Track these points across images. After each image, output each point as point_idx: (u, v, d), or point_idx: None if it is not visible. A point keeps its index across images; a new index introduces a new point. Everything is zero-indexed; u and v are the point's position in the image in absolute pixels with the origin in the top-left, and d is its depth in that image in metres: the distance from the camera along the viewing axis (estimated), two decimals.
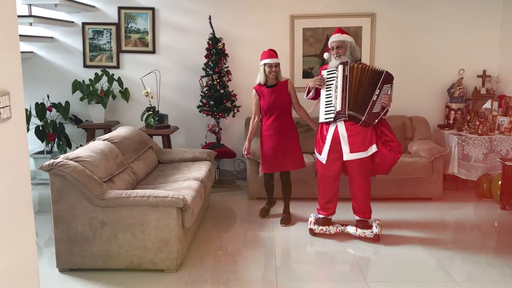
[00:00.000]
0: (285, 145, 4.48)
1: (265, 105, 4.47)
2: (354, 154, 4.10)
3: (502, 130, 5.49)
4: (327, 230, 4.26)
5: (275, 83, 4.48)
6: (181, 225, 3.61)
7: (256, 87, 4.52)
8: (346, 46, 4.09)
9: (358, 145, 4.08)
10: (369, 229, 4.15)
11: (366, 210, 4.25)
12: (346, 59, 4.05)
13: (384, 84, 4.02)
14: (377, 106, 4.04)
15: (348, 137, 4.08)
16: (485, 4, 5.91)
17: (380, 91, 4.02)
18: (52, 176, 3.51)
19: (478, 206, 5.16)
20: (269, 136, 4.49)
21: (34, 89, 6.02)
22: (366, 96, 4.02)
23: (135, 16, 6.07)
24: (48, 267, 3.72)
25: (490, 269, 3.67)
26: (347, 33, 4.19)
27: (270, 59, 4.40)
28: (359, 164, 4.13)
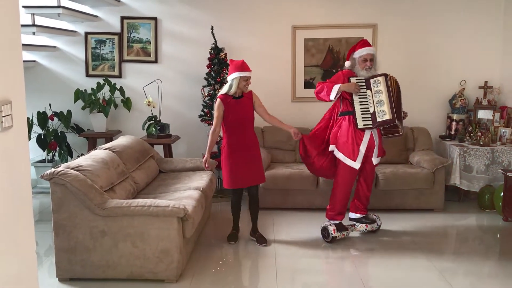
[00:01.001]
0: (250, 158, 4.27)
1: (231, 117, 4.21)
2: (379, 158, 4.44)
3: (504, 141, 5.48)
4: (347, 233, 4.44)
5: (241, 94, 4.28)
6: (182, 235, 3.60)
7: (222, 97, 4.23)
8: (375, 60, 4.33)
9: (380, 150, 4.41)
10: (375, 223, 4.56)
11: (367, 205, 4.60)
12: (372, 72, 4.27)
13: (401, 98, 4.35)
14: (403, 115, 4.41)
15: (379, 141, 4.37)
16: (487, 15, 5.93)
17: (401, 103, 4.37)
18: (53, 185, 3.50)
19: (480, 218, 5.13)
20: (235, 149, 4.23)
21: (36, 98, 6.03)
22: (398, 108, 4.29)
23: (138, 26, 6.10)
24: (48, 276, 3.70)
25: (492, 281, 3.65)
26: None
27: (247, 72, 4.20)
28: (374, 167, 4.49)
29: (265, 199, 5.27)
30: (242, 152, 4.25)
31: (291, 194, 5.23)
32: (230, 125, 4.25)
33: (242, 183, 4.32)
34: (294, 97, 6.15)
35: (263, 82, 6.12)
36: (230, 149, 4.26)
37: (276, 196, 5.26)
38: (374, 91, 4.21)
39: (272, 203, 5.29)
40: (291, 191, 5.22)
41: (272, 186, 5.19)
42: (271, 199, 5.28)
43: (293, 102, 6.16)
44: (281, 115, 6.08)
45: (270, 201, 5.29)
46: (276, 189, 5.22)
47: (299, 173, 5.19)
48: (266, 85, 6.13)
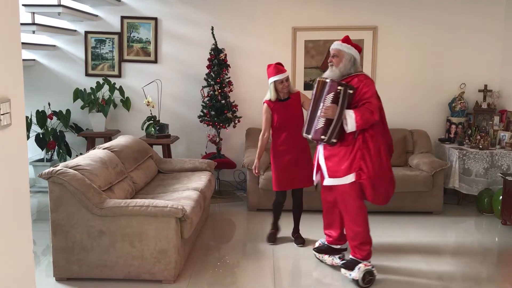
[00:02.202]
0: (299, 161, 4.20)
1: (279, 120, 4.17)
2: (332, 179, 3.61)
3: (503, 145, 5.48)
4: (322, 258, 3.97)
5: (288, 96, 4.23)
6: (180, 236, 3.59)
7: (268, 102, 4.23)
8: (342, 57, 3.60)
9: (334, 168, 3.59)
10: (350, 271, 3.60)
11: (354, 247, 3.64)
12: (337, 71, 3.60)
13: (327, 95, 3.49)
14: (321, 121, 3.53)
15: (325, 160, 3.66)
16: (487, 18, 5.93)
17: (323, 104, 3.50)
18: (51, 184, 3.49)
19: (478, 221, 5.13)
20: (283, 152, 4.20)
21: (35, 97, 6.03)
22: (314, 112, 3.59)
23: (138, 26, 6.10)
24: (45, 276, 3.69)
25: (490, 285, 3.64)
26: (352, 43, 3.68)
27: (280, 75, 4.13)
28: (341, 194, 3.61)
29: (263, 200, 5.26)
30: (291, 155, 4.19)
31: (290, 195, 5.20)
32: (278, 128, 4.22)
33: (289, 186, 4.28)
34: None
35: (262, 83, 6.11)
36: (278, 151, 4.24)
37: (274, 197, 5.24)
38: None
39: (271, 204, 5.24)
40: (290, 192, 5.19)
41: (271, 187, 5.15)
42: (269, 200, 5.24)
43: None
44: None
45: (268, 202, 5.25)
46: None
47: None
48: (265, 86, 6.11)
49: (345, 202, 3.60)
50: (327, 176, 3.65)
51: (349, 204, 3.57)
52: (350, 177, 3.51)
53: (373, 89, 3.55)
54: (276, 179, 4.29)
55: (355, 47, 3.67)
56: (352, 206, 3.57)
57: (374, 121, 3.44)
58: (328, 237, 3.97)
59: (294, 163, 4.20)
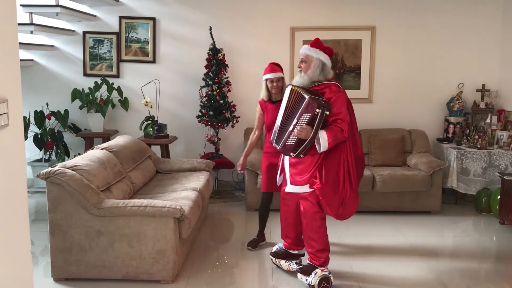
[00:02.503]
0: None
1: (269, 121, 4.15)
2: (293, 186, 3.58)
3: (501, 145, 5.49)
4: (279, 263, 3.87)
5: (280, 98, 4.10)
6: (178, 236, 3.59)
7: (261, 102, 4.26)
8: (311, 62, 3.47)
9: (296, 176, 3.56)
10: (306, 276, 3.55)
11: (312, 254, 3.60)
12: (306, 78, 3.48)
13: (303, 114, 3.33)
14: (292, 138, 3.43)
15: (290, 166, 3.61)
16: (485, 18, 5.94)
17: (298, 121, 3.36)
18: (49, 184, 3.49)
19: (476, 221, 5.14)
20: (270, 154, 4.17)
21: (34, 97, 6.03)
22: (287, 124, 3.49)
23: (136, 26, 6.09)
24: (43, 276, 3.69)
25: (489, 284, 3.64)
26: (322, 46, 3.53)
27: (271, 73, 4.14)
28: (301, 201, 3.58)
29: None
30: (278, 157, 4.06)
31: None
32: (267, 129, 4.22)
33: (275, 188, 4.18)
34: None
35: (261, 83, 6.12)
36: (267, 152, 4.25)
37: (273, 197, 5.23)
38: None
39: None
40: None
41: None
42: None
43: None
44: None
45: None
46: None
47: None
48: None
49: (304, 209, 3.56)
50: (289, 182, 3.61)
51: (308, 210, 3.53)
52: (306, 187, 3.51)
53: (344, 103, 3.43)
54: (263, 180, 4.28)
55: (325, 51, 3.50)
56: (310, 213, 3.52)
57: (344, 139, 3.38)
58: (285, 242, 3.90)
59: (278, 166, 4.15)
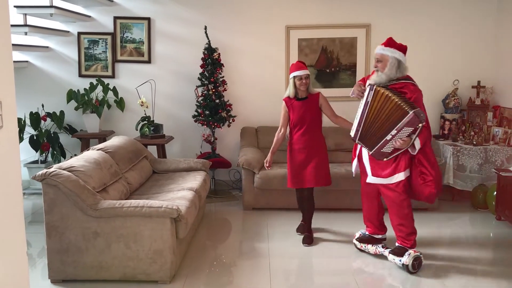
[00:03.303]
0: (312, 161, 4.25)
1: (295, 118, 4.27)
2: (376, 178, 3.81)
3: (497, 141, 5.50)
4: (366, 248, 4.09)
5: (306, 95, 4.28)
6: (175, 236, 3.59)
7: (286, 99, 4.33)
8: (386, 61, 3.62)
9: (378, 169, 3.77)
10: (400, 257, 3.77)
11: (402, 237, 3.85)
12: (384, 77, 3.63)
13: (406, 126, 3.49)
14: (388, 146, 3.62)
15: (369, 159, 3.82)
16: (480, 15, 5.95)
17: (398, 132, 3.53)
18: (45, 186, 3.48)
19: (473, 217, 5.15)
20: (298, 150, 4.29)
21: (29, 99, 6.01)
22: (380, 131, 3.61)
23: (131, 26, 6.08)
24: (40, 278, 3.68)
25: (486, 280, 3.65)
26: (396, 44, 3.68)
27: (299, 71, 4.21)
28: (385, 191, 3.80)
29: (259, 199, 5.27)
30: (304, 154, 4.27)
31: (285, 194, 5.22)
32: (293, 126, 4.32)
33: (300, 184, 4.34)
34: None
35: (257, 82, 6.13)
36: (292, 149, 4.34)
37: (270, 196, 5.25)
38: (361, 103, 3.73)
39: (266, 203, 5.28)
40: (284, 191, 5.20)
41: (266, 186, 5.19)
42: (265, 199, 5.27)
43: None
44: (275, 115, 6.12)
45: (264, 201, 5.28)
46: (270, 189, 5.21)
47: None
48: (260, 85, 6.14)
49: (390, 198, 3.78)
50: (371, 174, 3.82)
51: (395, 200, 3.76)
52: (394, 178, 3.70)
53: (422, 100, 3.67)
54: (289, 177, 4.40)
55: (399, 48, 3.67)
56: (397, 201, 3.75)
57: (428, 134, 3.66)
58: (368, 228, 4.13)
59: (306, 162, 4.27)
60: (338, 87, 6.06)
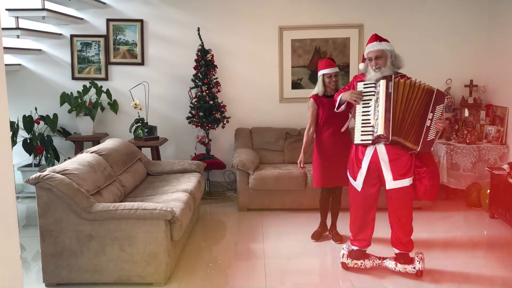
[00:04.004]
0: (341, 158, 4.07)
1: (325, 116, 4.18)
2: (398, 181, 3.55)
3: (490, 139, 5.54)
4: (362, 264, 3.77)
5: (334, 93, 4.12)
6: (170, 238, 3.58)
7: (314, 97, 4.24)
8: (386, 56, 3.53)
9: (401, 171, 3.54)
10: (411, 264, 3.65)
11: (407, 242, 3.73)
12: (387, 71, 3.50)
13: (436, 105, 3.43)
14: (432, 132, 3.46)
15: (390, 162, 3.53)
16: (472, 14, 5.99)
17: (434, 114, 3.44)
18: (38, 189, 3.47)
19: (467, 215, 5.17)
20: (326, 149, 4.21)
21: (22, 102, 5.98)
22: (417, 120, 3.44)
23: (124, 28, 6.07)
24: (35, 282, 3.66)
25: (479, 279, 3.67)
26: (385, 39, 3.63)
27: (329, 68, 4.16)
28: (403, 194, 3.58)
29: (254, 200, 5.27)
30: (333, 152, 4.20)
31: (279, 195, 5.23)
32: (322, 124, 4.24)
33: (330, 183, 4.27)
34: (281, 98, 6.15)
35: (250, 83, 6.14)
36: (320, 147, 4.26)
37: (265, 197, 5.26)
38: (376, 98, 3.49)
39: (261, 204, 5.29)
40: (279, 192, 5.22)
41: (261, 187, 5.19)
42: (260, 200, 5.28)
43: (281, 102, 6.17)
44: (269, 116, 6.15)
45: (258, 202, 5.29)
46: (264, 190, 5.21)
47: (287, 174, 5.19)
48: (253, 86, 6.14)
49: (405, 203, 3.63)
50: (392, 179, 3.55)
51: (408, 204, 3.64)
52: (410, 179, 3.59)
53: None
54: (316, 176, 4.30)
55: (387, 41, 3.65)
56: (409, 203, 3.65)
57: None
58: (362, 242, 3.82)
59: (335, 161, 4.17)
60: None
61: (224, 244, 4.47)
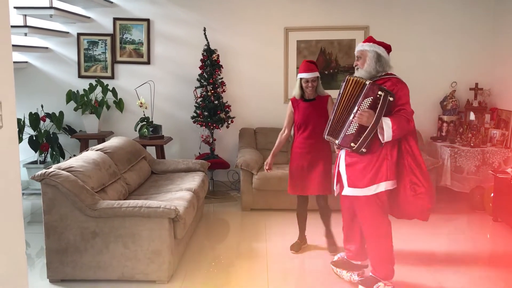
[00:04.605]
0: (316, 165, 4.00)
1: (299, 119, 4.05)
2: (353, 189, 3.31)
3: (494, 143, 5.53)
4: (340, 273, 3.66)
5: (314, 97, 4.07)
6: (173, 236, 3.60)
7: (293, 99, 4.12)
8: (365, 57, 3.33)
9: (355, 177, 3.31)
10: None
11: (375, 267, 3.42)
12: (365, 72, 3.32)
13: (364, 99, 3.18)
14: (352, 126, 3.23)
15: (346, 167, 3.37)
16: (477, 17, 5.98)
17: (359, 108, 3.19)
18: (44, 186, 3.49)
19: (470, 218, 5.16)
20: (300, 154, 4.05)
21: (28, 99, 6.03)
22: (347, 116, 3.28)
23: (130, 27, 6.10)
24: (39, 278, 3.69)
25: (483, 282, 3.67)
26: (376, 41, 3.40)
27: (307, 73, 3.97)
28: (361, 206, 3.34)
29: (257, 200, 5.29)
30: (306, 158, 4.02)
31: (283, 195, 5.23)
32: (297, 128, 4.10)
33: (301, 190, 4.10)
34: (286, 99, 6.16)
35: (255, 83, 6.16)
36: (294, 152, 4.11)
37: (268, 197, 5.27)
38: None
39: (264, 204, 5.30)
40: (283, 192, 5.21)
41: (264, 187, 5.21)
42: (263, 200, 5.29)
43: (286, 103, 6.17)
44: (273, 117, 6.16)
45: (262, 202, 5.30)
46: (268, 190, 5.23)
47: None
48: (258, 87, 6.16)
49: (365, 216, 3.34)
50: (347, 185, 3.35)
51: (369, 218, 3.32)
52: (373, 188, 3.24)
53: (408, 94, 3.31)
54: (289, 182, 4.16)
55: (379, 44, 3.38)
56: (372, 221, 3.32)
57: (410, 129, 3.24)
58: (348, 252, 3.69)
59: (309, 167, 4.03)
60: (337, 89, 5.97)
61: (227, 243, 4.49)
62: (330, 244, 4.23)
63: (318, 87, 4.06)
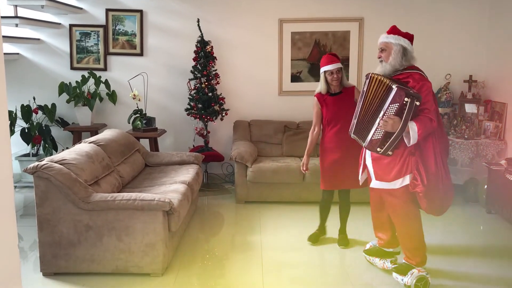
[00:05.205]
0: (348, 160, 3.91)
1: (328, 115, 3.95)
2: (380, 183, 3.39)
3: (488, 135, 5.54)
4: (373, 261, 3.75)
5: (339, 90, 3.98)
6: (167, 229, 3.59)
7: (318, 95, 4.00)
8: (391, 50, 3.30)
9: (382, 171, 3.36)
10: (402, 275, 3.42)
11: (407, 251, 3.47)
12: (389, 66, 3.30)
13: (390, 104, 3.14)
14: (379, 131, 3.24)
15: (372, 161, 3.44)
16: (472, 9, 5.97)
17: (385, 113, 3.17)
18: (36, 179, 3.46)
19: (464, 210, 5.19)
20: (332, 149, 3.97)
21: (20, 91, 5.97)
22: (372, 118, 3.27)
23: (123, 19, 6.04)
24: (32, 271, 3.67)
25: (476, 274, 3.69)
26: (400, 32, 3.40)
27: (330, 65, 3.87)
28: (389, 198, 3.39)
29: (252, 193, 5.28)
30: (338, 153, 3.95)
31: (277, 187, 5.23)
32: (327, 124, 4.00)
33: (334, 185, 4.05)
34: (281, 91, 6.14)
35: (250, 75, 6.13)
36: (325, 148, 4.03)
37: (263, 190, 5.27)
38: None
39: (259, 196, 5.30)
40: (277, 184, 5.22)
41: (259, 180, 5.20)
42: (257, 192, 5.29)
43: (280, 95, 6.16)
44: (268, 109, 6.14)
45: (256, 195, 5.29)
46: (262, 182, 5.22)
47: (285, 167, 5.19)
48: (253, 79, 6.13)
49: (393, 207, 3.39)
50: (374, 178, 3.42)
51: (398, 208, 3.37)
52: (399, 182, 3.28)
53: (431, 92, 3.25)
54: (322, 178, 4.08)
55: (404, 36, 3.37)
56: (401, 211, 3.36)
57: (433, 129, 3.18)
58: (379, 240, 3.75)
59: (341, 162, 3.95)
60: None
61: (221, 236, 4.48)
62: (341, 238, 4.21)
63: (342, 78, 3.97)
